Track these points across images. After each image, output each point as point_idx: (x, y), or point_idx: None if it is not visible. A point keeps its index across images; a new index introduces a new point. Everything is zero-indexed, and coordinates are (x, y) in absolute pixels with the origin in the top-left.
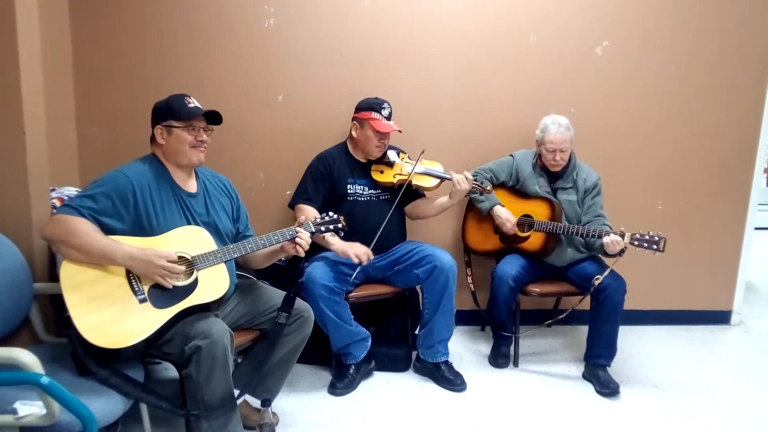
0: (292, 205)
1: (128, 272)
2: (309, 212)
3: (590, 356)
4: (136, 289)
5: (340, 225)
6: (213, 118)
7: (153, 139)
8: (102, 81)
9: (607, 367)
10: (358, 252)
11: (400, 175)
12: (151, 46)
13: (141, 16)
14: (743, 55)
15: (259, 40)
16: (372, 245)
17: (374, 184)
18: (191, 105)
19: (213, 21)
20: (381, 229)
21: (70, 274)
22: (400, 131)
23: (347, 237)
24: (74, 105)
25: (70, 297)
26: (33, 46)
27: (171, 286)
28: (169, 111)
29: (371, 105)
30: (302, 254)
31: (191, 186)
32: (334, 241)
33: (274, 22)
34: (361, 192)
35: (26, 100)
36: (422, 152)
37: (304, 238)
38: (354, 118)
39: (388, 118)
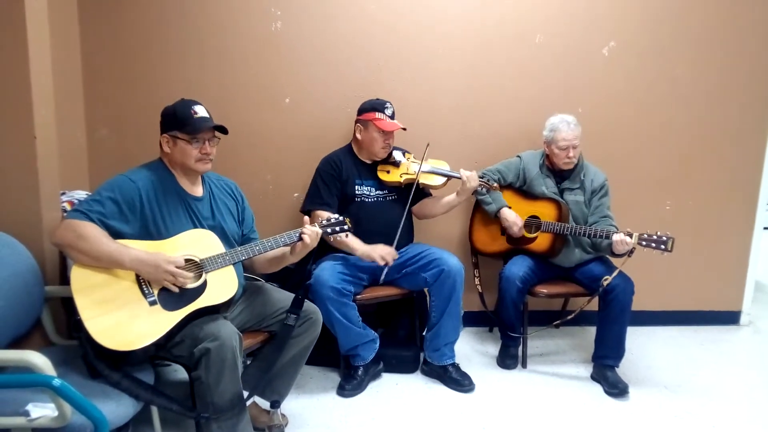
0: (306, 211)
1: (138, 275)
2: (327, 216)
3: (598, 357)
4: (146, 291)
5: (345, 226)
6: (219, 126)
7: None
8: (111, 85)
9: (616, 368)
10: (383, 253)
11: (407, 174)
12: (159, 50)
13: (149, 21)
14: (750, 55)
15: (267, 43)
16: (394, 244)
17: (381, 185)
18: (197, 116)
19: (220, 24)
20: (399, 229)
21: (80, 278)
22: (404, 129)
23: (357, 238)
24: (84, 109)
25: (80, 300)
26: (43, 52)
27: (177, 290)
28: (175, 121)
29: (374, 105)
30: (308, 242)
31: (197, 190)
32: (356, 246)
33: (281, 25)
34: (368, 193)
35: (36, 104)
36: (427, 145)
37: (312, 230)
38: (357, 121)
39: (392, 117)
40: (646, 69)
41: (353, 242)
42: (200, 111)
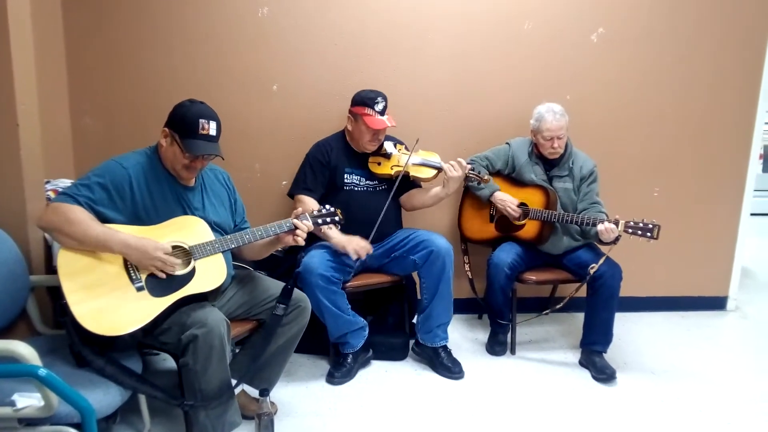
0: (291, 195)
1: (126, 260)
2: (308, 203)
3: (586, 343)
4: (134, 277)
5: (337, 218)
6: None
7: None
8: (95, 72)
9: (604, 354)
10: (357, 247)
11: (397, 166)
12: (144, 37)
13: (133, 6)
14: (738, 42)
15: (254, 29)
16: (370, 238)
17: (371, 175)
18: (203, 133)
19: (206, 10)
20: (378, 221)
21: (67, 262)
22: (393, 126)
23: (344, 228)
24: (68, 97)
25: (67, 284)
26: (25, 39)
27: (164, 276)
28: (181, 126)
29: (364, 100)
30: (301, 243)
31: (189, 181)
32: (333, 235)
33: (268, 10)
34: (357, 182)
35: (19, 92)
36: (417, 141)
37: (303, 228)
38: (349, 112)
39: (382, 112)
40: (634, 56)
41: (329, 231)
42: (210, 128)
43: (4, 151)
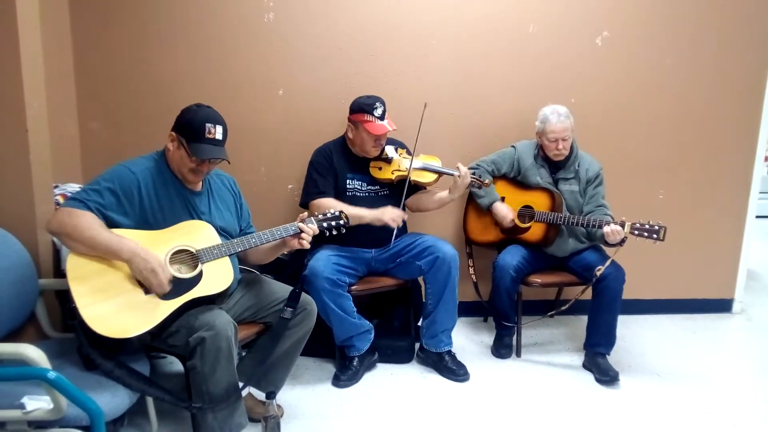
0: (304, 204)
1: None
2: (327, 203)
3: (590, 345)
4: None
5: (342, 221)
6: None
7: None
8: (103, 77)
9: (607, 356)
10: (393, 215)
11: (399, 171)
12: (150, 42)
13: (140, 12)
14: (743, 44)
15: (259, 35)
16: (401, 205)
17: (373, 180)
18: (210, 137)
19: (212, 16)
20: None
21: (76, 266)
22: (394, 129)
23: (349, 233)
24: (76, 101)
25: (76, 288)
26: (34, 44)
27: (161, 291)
28: (188, 130)
29: (362, 107)
30: (307, 246)
31: (196, 185)
32: (364, 214)
33: (273, 16)
34: (359, 187)
35: (28, 97)
36: (425, 106)
37: (308, 231)
38: (348, 119)
39: (382, 117)
40: (639, 59)
41: (360, 211)
42: (217, 132)
43: (13, 155)
